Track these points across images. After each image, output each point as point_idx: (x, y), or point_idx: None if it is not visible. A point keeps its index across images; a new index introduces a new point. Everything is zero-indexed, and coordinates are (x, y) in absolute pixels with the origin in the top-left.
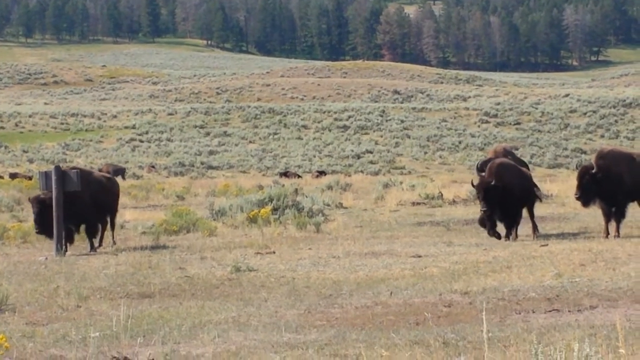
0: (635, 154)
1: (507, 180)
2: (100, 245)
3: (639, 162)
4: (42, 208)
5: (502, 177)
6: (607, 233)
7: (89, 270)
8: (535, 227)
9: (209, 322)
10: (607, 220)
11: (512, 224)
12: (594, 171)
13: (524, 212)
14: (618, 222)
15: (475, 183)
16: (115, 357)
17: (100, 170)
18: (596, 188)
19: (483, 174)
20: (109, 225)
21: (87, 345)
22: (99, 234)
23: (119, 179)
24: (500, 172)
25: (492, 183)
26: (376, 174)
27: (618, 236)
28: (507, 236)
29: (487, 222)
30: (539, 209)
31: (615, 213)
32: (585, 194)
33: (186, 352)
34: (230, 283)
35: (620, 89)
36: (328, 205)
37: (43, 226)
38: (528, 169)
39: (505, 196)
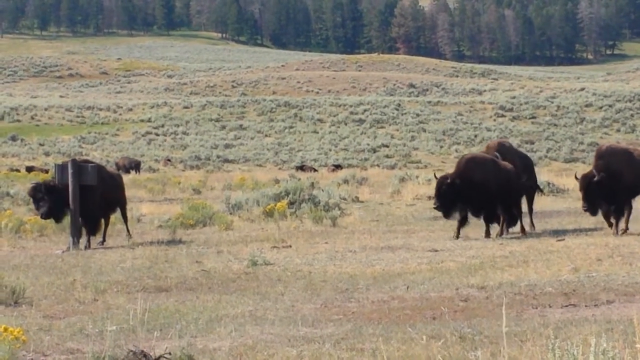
0: (631, 149)
1: (478, 176)
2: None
3: (637, 157)
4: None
5: (470, 173)
6: (617, 229)
7: (105, 263)
8: (508, 225)
9: (226, 316)
10: (610, 217)
11: (489, 220)
12: (596, 179)
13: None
14: (617, 219)
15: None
16: (132, 351)
17: (117, 164)
18: (600, 192)
19: None
20: (121, 219)
21: (103, 338)
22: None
23: (132, 173)
24: (469, 168)
25: (449, 180)
26: (392, 167)
27: (626, 230)
28: (492, 232)
29: (458, 219)
30: (555, 203)
31: (615, 210)
32: (592, 203)
33: (203, 346)
34: (247, 277)
35: (636, 82)
36: (344, 199)
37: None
38: (531, 164)
39: (476, 192)
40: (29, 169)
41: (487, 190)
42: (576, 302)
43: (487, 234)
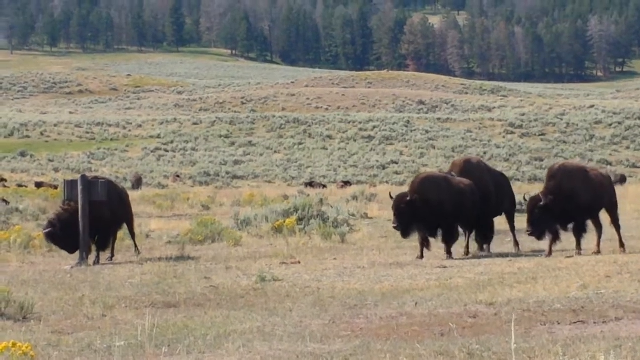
0: (588, 168)
1: (433, 196)
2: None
3: (593, 177)
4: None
5: (425, 192)
6: (579, 248)
7: (114, 279)
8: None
9: (234, 332)
10: (554, 242)
11: (449, 240)
12: (542, 203)
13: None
14: (578, 239)
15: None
16: None
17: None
18: (550, 215)
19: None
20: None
21: (112, 354)
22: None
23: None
24: (424, 187)
25: (408, 198)
26: (401, 184)
27: (579, 253)
28: (448, 252)
29: (419, 238)
30: None
31: (574, 229)
32: (539, 228)
33: None
34: (256, 293)
35: None
36: (353, 215)
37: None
38: (507, 182)
39: (431, 212)
40: (38, 185)
41: (443, 209)
42: (585, 319)
43: (449, 254)
